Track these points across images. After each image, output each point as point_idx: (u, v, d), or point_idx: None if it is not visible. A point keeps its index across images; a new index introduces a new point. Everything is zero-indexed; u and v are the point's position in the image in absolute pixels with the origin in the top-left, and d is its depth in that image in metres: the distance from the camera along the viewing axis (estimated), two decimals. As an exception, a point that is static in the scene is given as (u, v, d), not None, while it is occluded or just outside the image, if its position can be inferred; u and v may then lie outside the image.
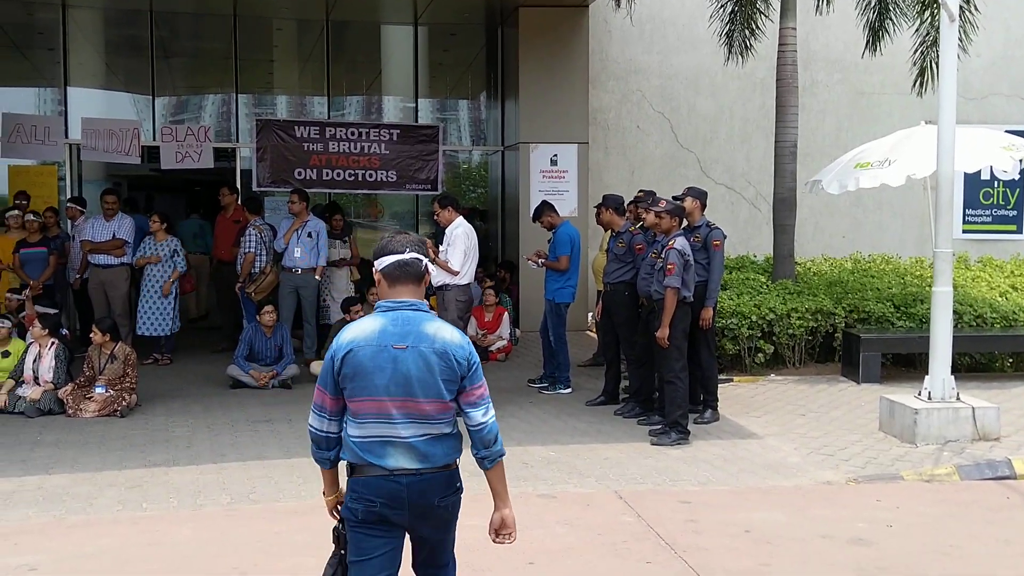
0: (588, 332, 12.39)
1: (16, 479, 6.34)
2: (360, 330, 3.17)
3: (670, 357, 7.25)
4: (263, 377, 9.38)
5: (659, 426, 7.47)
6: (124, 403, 8.22)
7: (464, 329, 8.48)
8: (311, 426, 3.28)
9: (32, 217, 10.51)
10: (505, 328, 11.18)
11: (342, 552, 3.26)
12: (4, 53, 13.52)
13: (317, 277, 10.47)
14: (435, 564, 3.36)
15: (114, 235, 10.56)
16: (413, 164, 13.36)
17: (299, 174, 13.00)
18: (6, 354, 8.58)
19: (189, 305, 12.63)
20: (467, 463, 3.36)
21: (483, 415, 3.25)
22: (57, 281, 10.73)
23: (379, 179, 13.33)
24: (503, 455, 3.31)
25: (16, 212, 10.60)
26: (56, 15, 13.19)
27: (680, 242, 7.25)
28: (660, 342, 7.21)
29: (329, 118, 14.14)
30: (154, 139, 12.94)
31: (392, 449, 3.14)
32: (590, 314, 12.96)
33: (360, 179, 13.28)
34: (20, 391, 8.29)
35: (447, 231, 8.36)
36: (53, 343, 8.48)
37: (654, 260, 7.69)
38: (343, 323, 9.85)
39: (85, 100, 13.81)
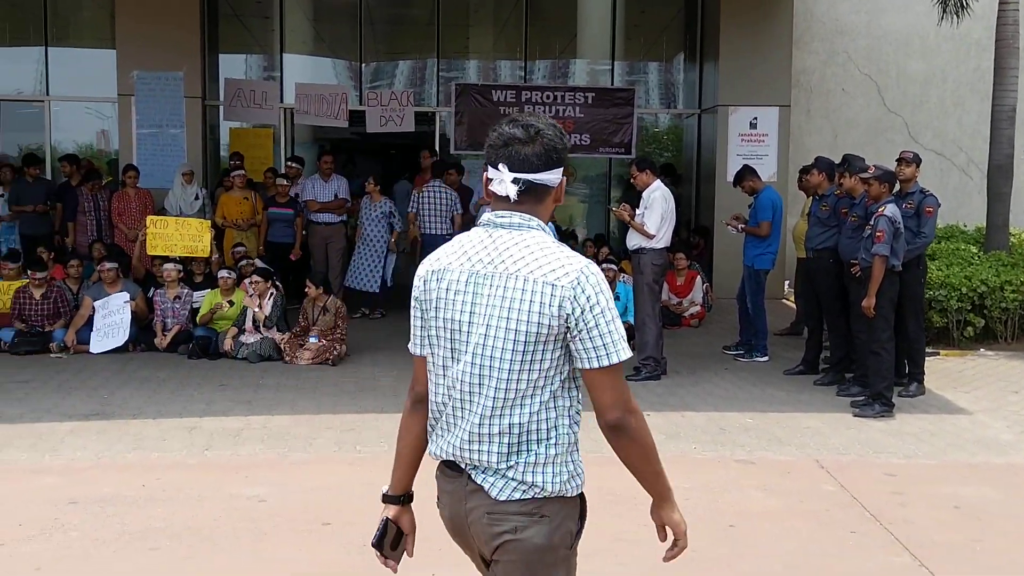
0: (785, 300, 12.12)
1: (243, 418, 6.86)
2: None
3: (876, 327, 7.03)
4: (461, 333, 9.70)
5: (862, 397, 7.27)
6: (335, 353, 8.71)
7: (659, 294, 8.48)
8: None
9: (281, 180, 11.19)
10: (698, 293, 11.08)
11: None
12: (225, 22, 14.38)
13: None
14: None
15: (336, 195, 11.23)
16: (607, 127, 13.37)
17: (495, 137, 13.25)
18: (231, 303, 9.25)
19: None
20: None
21: None
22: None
23: (573, 142, 13.41)
24: None
25: (242, 172, 11.32)
26: (273, -16, 13.95)
27: (891, 209, 6.98)
28: (866, 311, 6.99)
29: (525, 82, 14.32)
30: (360, 104, 13.49)
31: None
32: (787, 282, 12.66)
33: (554, 142, 13.41)
34: (242, 338, 8.93)
35: (644, 194, 8.35)
36: (272, 292, 9.08)
37: (854, 224, 7.46)
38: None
39: (298, 66, 14.56)
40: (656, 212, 8.17)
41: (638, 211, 8.29)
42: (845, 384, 7.80)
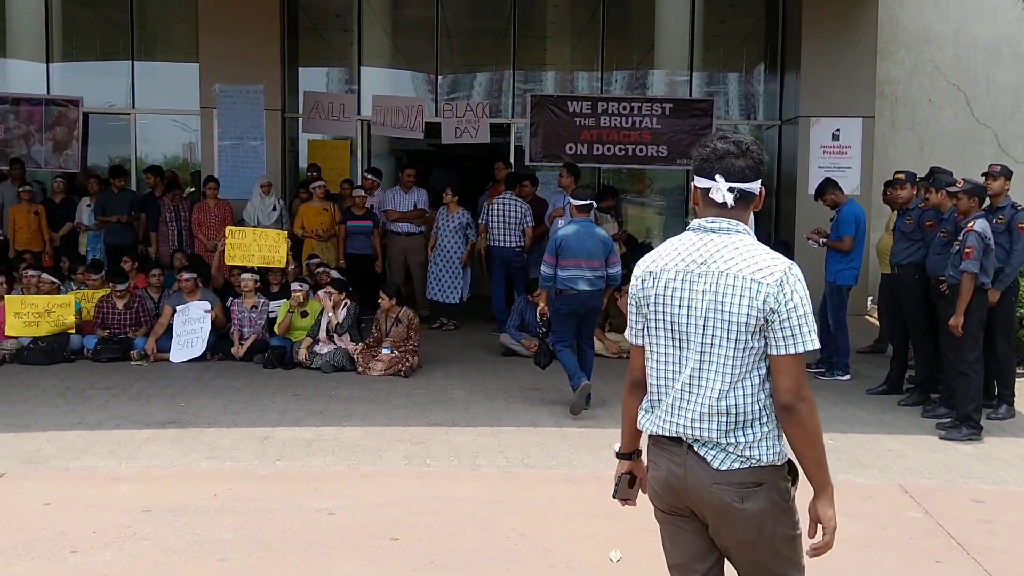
0: (868, 317, 11.78)
1: (315, 429, 6.89)
2: None
3: (964, 347, 6.75)
4: (533, 347, 9.62)
5: (948, 419, 6.99)
6: (407, 364, 8.71)
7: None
8: None
9: (358, 192, 11.22)
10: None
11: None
12: (305, 35, 14.60)
13: None
14: None
15: (415, 205, 11.28)
16: (685, 139, 13.17)
17: (570, 149, 13.18)
18: (304, 314, 9.32)
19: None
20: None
21: None
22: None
23: (649, 154, 13.26)
24: None
25: (322, 183, 11.42)
26: (351, -2, 14.09)
27: (980, 224, 6.71)
28: (953, 330, 6.72)
29: (601, 93, 14.22)
30: (435, 115, 13.53)
31: None
32: (870, 298, 12.32)
33: (630, 154, 13.28)
34: (316, 348, 8.99)
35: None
36: (345, 303, 9.12)
37: (943, 239, 7.19)
38: (613, 298, 9.93)
39: (375, 79, 14.70)
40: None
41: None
42: (931, 405, 7.51)
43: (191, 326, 9.35)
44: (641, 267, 2.80)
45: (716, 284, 2.63)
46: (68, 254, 11.08)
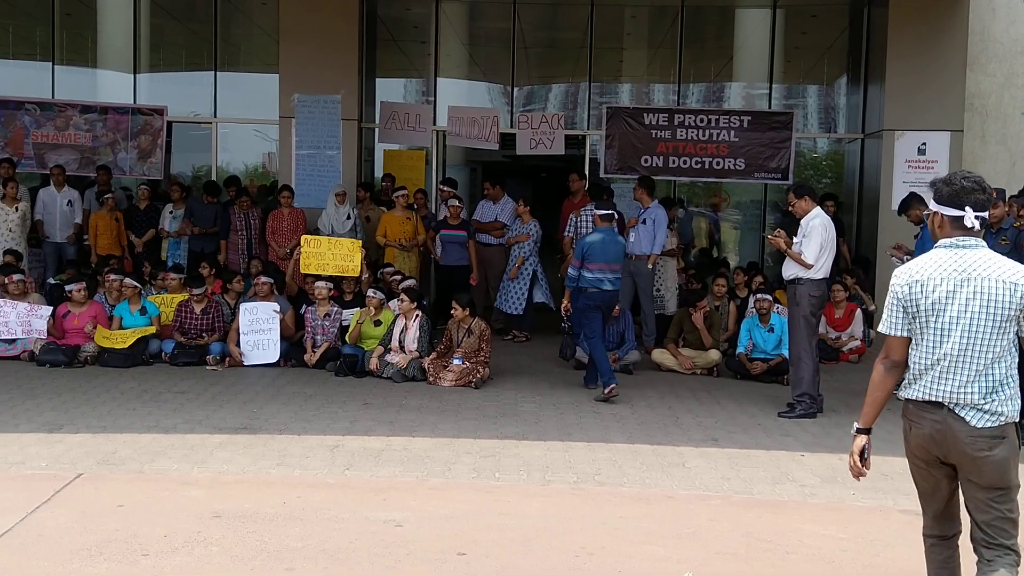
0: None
1: (384, 439, 6.86)
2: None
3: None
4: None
5: (1041, 447, 6.66)
6: (478, 375, 8.66)
7: (816, 327, 8.06)
8: None
9: (455, 202, 11.07)
10: (858, 326, 10.52)
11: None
12: (383, 46, 14.72)
13: (649, 265, 10.45)
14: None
15: (496, 217, 11.28)
16: (763, 152, 12.95)
17: (645, 161, 13.04)
18: (378, 323, 9.34)
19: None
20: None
21: None
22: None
23: (727, 167, 13.06)
24: None
25: (404, 191, 11.44)
26: (429, 9, 14.15)
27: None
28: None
29: (678, 105, 14.05)
30: (511, 126, 13.49)
31: None
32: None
33: (707, 167, 13.08)
34: (388, 358, 8.99)
35: (802, 222, 7.95)
36: (418, 315, 9.11)
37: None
38: (686, 313, 9.77)
39: (451, 89, 14.75)
40: (815, 241, 7.77)
41: (796, 239, 7.91)
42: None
43: (259, 326, 9.42)
44: (905, 276, 3.64)
45: (981, 286, 3.49)
46: (150, 260, 11.30)
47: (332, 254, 9.91)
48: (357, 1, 12.82)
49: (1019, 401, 3.48)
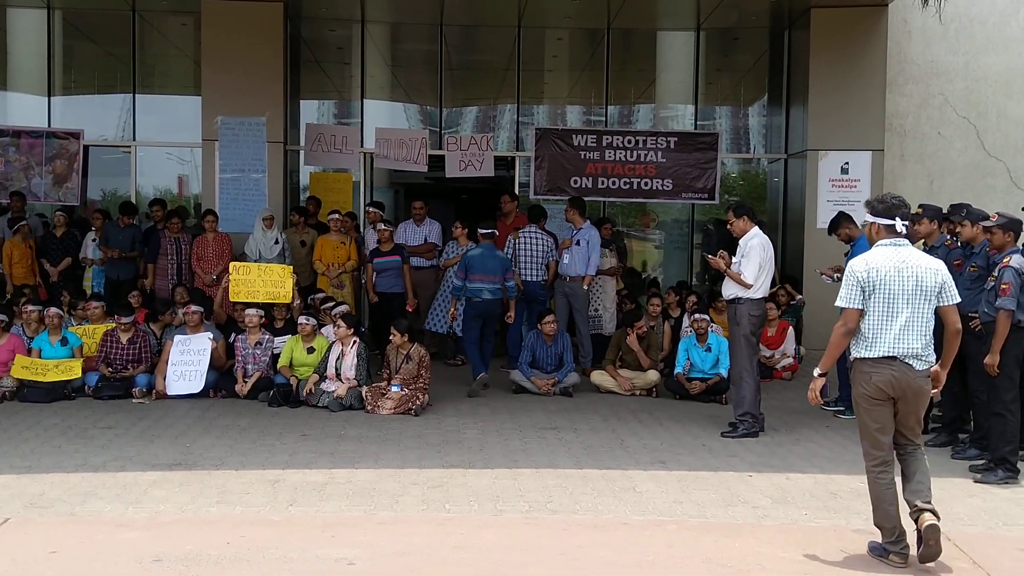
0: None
1: (327, 471, 6.65)
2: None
3: (1000, 387, 6.55)
4: (545, 384, 9.43)
5: (982, 462, 6.78)
6: (418, 402, 8.49)
7: (756, 346, 8.11)
8: None
9: (383, 226, 10.69)
10: (790, 344, 10.65)
11: None
12: (306, 68, 14.49)
13: (584, 286, 10.43)
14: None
15: (425, 239, 11.08)
16: (690, 172, 13.09)
17: (575, 182, 13.06)
18: (311, 350, 9.10)
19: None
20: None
21: None
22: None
23: (654, 188, 13.16)
24: None
25: (338, 215, 11.19)
26: (353, 31, 13.98)
27: (1017, 259, 6.53)
28: (989, 370, 6.53)
29: (605, 126, 14.12)
30: (439, 148, 13.38)
31: None
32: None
33: (635, 188, 13.16)
34: (323, 386, 8.76)
35: (741, 242, 8.02)
36: (355, 342, 8.90)
37: (973, 274, 7.04)
38: (623, 335, 9.75)
39: (377, 111, 14.58)
40: (754, 261, 7.83)
41: (735, 259, 7.95)
42: (960, 446, 7.31)
43: (189, 357, 9.11)
44: (862, 264, 5.00)
45: (914, 272, 4.95)
46: (68, 289, 10.84)
47: (262, 281, 9.64)
48: (280, 24, 12.59)
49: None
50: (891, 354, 4.89)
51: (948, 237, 7.68)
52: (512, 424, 8.19)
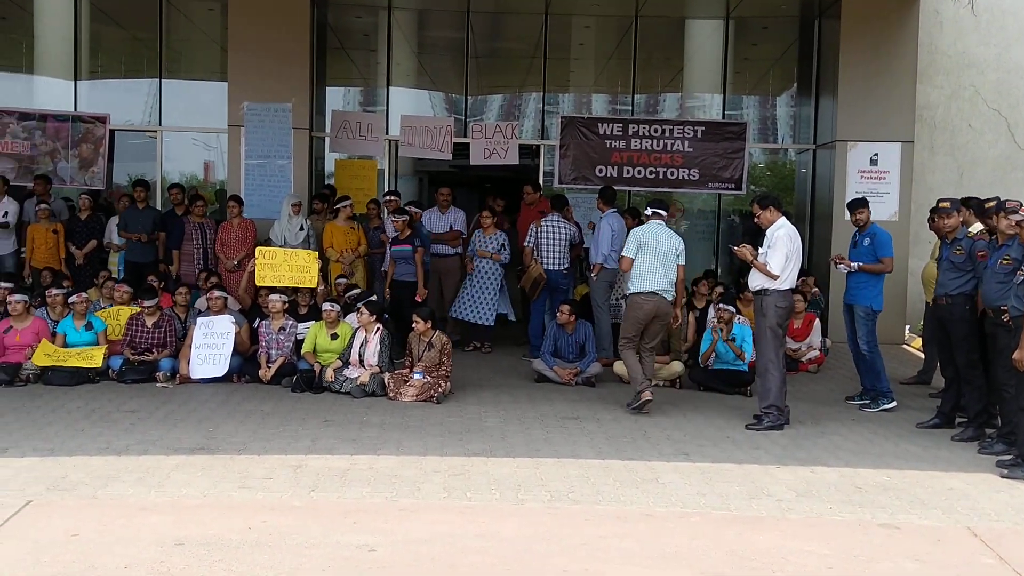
0: (906, 346, 11.47)
1: (349, 457, 6.64)
2: None
3: (1028, 382, 6.46)
4: (567, 374, 9.39)
5: (1009, 457, 6.69)
6: (440, 390, 8.47)
7: (782, 338, 8.02)
8: None
9: (395, 218, 10.61)
10: (816, 337, 10.54)
11: None
12: (333, 55, 14.48)
13: (592, 275, 10.37)
14: None
15: (451, 226, 11.03)
16: (717, 162, 12.98)
17: (600, 171, 12.99)
18: (335, 336, 9.10)
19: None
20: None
21: None
22: (374, 271, 11.31)
23: (680, 177, 13.06)
24: None
25: (348, 202, 11.20)
26: (380, 18, 13.94)
27: (1047, 252, 6.43)
28: (1017, 365, 6.42)
29: (632, 115, 14.03)
30: (464, 135, 13.34)
31: None
32: (907, 327, 12.04)
33: (661, 177, 13.07)
34: (346, 372, 8.76)
35: (768, 232, 7.93)
36: (378, 329, 8.89)
37: (1007, 267, 6.89)
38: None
39: (403, 99, 14.55)
40: (780, 252, 7.74)
41: (761, 250, 7.87)
42: (987, 441, 7.21)
43: (213, 340, 9.11)
44: (641, 233, 8.19)
45: (671, 239, 8.16)
46: (93, 272, 10.89)
47: (288, 265, 9.65)
48: (307, 10, 12.58)
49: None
50: (654, 290, 8.13)
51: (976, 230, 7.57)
52: (534, 413, 8.16)
